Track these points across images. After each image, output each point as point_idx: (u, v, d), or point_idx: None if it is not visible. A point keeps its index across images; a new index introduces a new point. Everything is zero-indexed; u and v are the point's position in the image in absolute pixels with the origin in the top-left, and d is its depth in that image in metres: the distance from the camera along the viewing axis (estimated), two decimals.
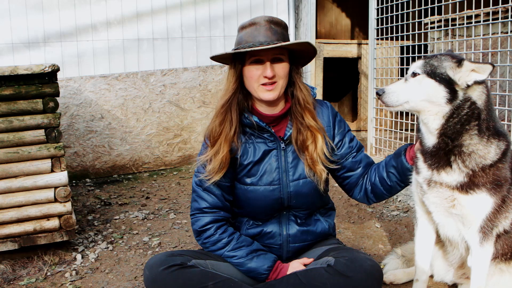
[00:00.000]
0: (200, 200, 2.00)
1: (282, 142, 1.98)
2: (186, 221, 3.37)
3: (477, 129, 1.71)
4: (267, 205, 1.99)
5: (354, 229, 3.11)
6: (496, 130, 1.75)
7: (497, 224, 1.80)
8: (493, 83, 3.41)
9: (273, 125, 2.00)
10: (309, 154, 1.95)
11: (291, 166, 1.98)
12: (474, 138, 1.72)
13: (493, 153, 1.73)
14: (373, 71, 4.08)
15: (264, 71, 1.87)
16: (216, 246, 1.98)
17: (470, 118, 1.70)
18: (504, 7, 3.06)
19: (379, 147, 4.08)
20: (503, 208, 1.78)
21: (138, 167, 4.78)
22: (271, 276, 1.95)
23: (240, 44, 1.90)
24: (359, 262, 1.83)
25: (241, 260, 1.95)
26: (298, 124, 1.96)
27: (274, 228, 2.03)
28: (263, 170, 1.97)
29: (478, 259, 1.83)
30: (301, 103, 1.95)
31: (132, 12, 4.62)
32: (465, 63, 1.67)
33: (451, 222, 1.89)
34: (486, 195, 1.74)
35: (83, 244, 2.96)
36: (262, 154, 1.98)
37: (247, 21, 1.93)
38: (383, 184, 2.02)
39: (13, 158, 2.64)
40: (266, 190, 1.97)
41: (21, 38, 4.28)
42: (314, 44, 3.68)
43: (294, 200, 1.99)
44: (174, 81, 4.81)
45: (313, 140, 1.95)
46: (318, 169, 1.96)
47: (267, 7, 5.10)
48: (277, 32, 1.88)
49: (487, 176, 1.73)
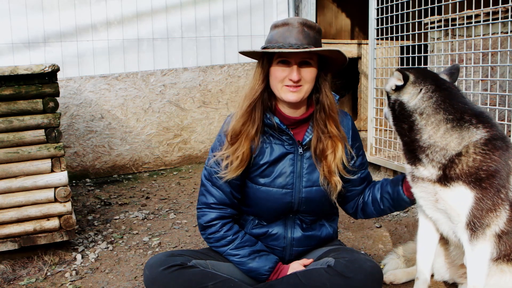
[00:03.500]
0: (208, 195, 1.99)
1: (300, 147, 1.95)
2: (186, 221, 3.37)
3: (425, 123, 1.82)
4: (277, 208, 1.98)
5: (354, 229, 3.11)
6: (462, 121, 1.79)
7: (487, 222, 1.77)
8: (493, 83, 3.41)
9: (292, 127, 1.97)
10: (327, 164, 1.93)
11: (306, 172, 1.96)
12: (426, 132, 1.82)
13: (454, 143, 1.78)
14: (373, 71, 4.08)
15: (290, 74, 1.83)
16: (220, 243, 1.97)
17: (403, 116, 1.88)
18: (504, 7, 3.06)
19: (379, 147, 4.08)
20: (488, 204, 1.75)
21: (138, 167, 4.78)
22: (271, 277, 1.95)
23: (270, 42, 1.86)
24: (359, 263, 1.83)
25: (243, 259, 1.95)
26: (319, 131, 1.93)
27: (279, 230, 2.02)
28: (278, 172, 1.95)
29: (470, 257, 1.83)
30: (326, 111, 1.92)
31: (132, 12, 4.62)
32: (390, 77, 1.97)
33: (442, 218, 1.91)
34: (465, 188, 1.76)
35: (83, 244, 2.96)
36: (278, 156, 1.95)
37: (281, 20, 1.89)
38: (375, 206, 2.05)
39: (13, 158, 2.64)
40: (278, 193, 1.95)
41: (21, 38, 4.28)
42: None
43: (304, 206, 1.98)
44: (174, 81, 4.81)
45: (333, 150, 1.93)
46: (334, 180, 1.94)
47: (267, 7, 5.10)
48: (309, 36, 1.84)
49: (460, 168, 1.76)
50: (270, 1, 5.10)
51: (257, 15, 5.04)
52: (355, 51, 5.48)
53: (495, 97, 3.34)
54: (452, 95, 1.85)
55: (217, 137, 2.02)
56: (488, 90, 3.14)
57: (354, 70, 5.64)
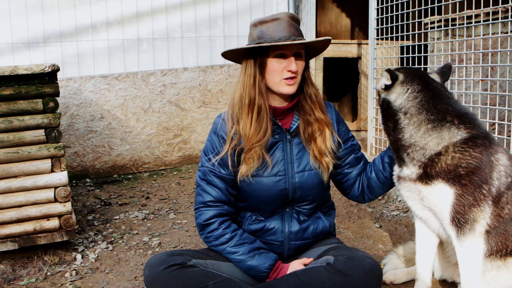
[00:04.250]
0: (204, 194, 2.00)
1: (288, 134, 2.01)
2: (186, 221, 3.37)
3: (407, 123, 1.87)
4: (272, 196, 1.99)
5: (354, 229, 3.11)
6: (444, 121, 1.83)
7: (472, 217, 1.78)
8: (493, 83, 3.41)
9: (280, 118, 2.03)
10: (317, 146, 1.99)
11: (296, 157, 2.01)
12: (408, 131, 1.86)
13: (433, 143, 1.82)
14: (373, 71, 4.08)
15: (289, 65, 1.90)
16: (219, 241, 1.97)
17: (390, 115, 1.94)
18: (504, 7, 3.06)
19: (379, 147, 4.08)
20: (469, 200, 1.77)
21: (138, 167, 4.78)
22: (271, 275, 1.95)
23: (262, 38, 1.91)
24: (358, 260, 1.84)
25: (242, 257, 1.95)
26: (306, 115, 2.01)
27: (277, 225, 2.04)
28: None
29: (460, 254, 1.84)
30: (313, 98, 2.01)
31: (132, 12, 4.62)
32: (381, 77, 2.02)
33: (430, 216, 1.93)
34: (444, 185, 1.80)
35: (83, 244, 2.96)
36: (268, 146, 1.99)
37: (268, 16, 1.96)
38: (379, 177, 2.07)
39: (13, 158, 2.64)
40: (271, 181, 1.98)
41: (21, 38, 4.28)
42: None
43: (299, 192, 2.00)
44: (174, 81, 4.81)
45: (322, 132, 2.00)
46: (325, 160, 2.00)
47: (267, 7, 5.10)
48: (298, 29, 1.95)
49: (439, 166, 1.80)
50: (270, 1, 5.10)
51: (257, 15, 5.04)
52: (355, 51, 5.48)
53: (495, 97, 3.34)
54: (437, 96, 1.88)
55: (209, 139, 2.04)
56: (488, 90, 3.14)
57: (354, 70, 5.64)
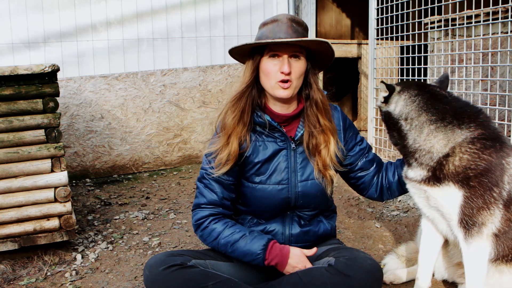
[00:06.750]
0: (200, 197, 2.01)
1: (292, 142, 1.98)
2: (186, 221, 3.37)
3: (409, 127, 1.88)
4: (275, 204, 1.99)
5: (354, 229, 3.11)
6: (446, 124, 1.82)
7: (480, 220, 1.76)
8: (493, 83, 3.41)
9: (284, 125, 2.00)
10: (321, 159, 1.96)
11: (300, 166, 1.99)
12: (411, 137, 1.87)
13: (439, 145, 1.81)
14: (373, 71, 4.08)
15: (282, 67, 1.87)
16: (211, 236, 1.97)
17: (392, 124, 1.96)
18: (504, 7, 3.07)
19: (379, 147, 4.08)
20: (478, 203, 1.75)
21: (138, 167, 4.78)
22: (267, 256, 1.89)
23: (260, 39, 1.91)
24: (359, 262, 1.83)
25: (235, 245, 1.91)
26: (310, 126, 1.97)
27: (277, 227, 2.03)
28: (272, 169, 1.98)
29: (466, 256, 1.83)
30: (319, 105, 1.97)
31: (132, 12, 4.62)
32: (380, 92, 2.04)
33: (437, 216, 1.93)
34: (453, 188, 1.79)
35: (83, 244, 2.96)
36: (272, 153, 1.98)
37: (269, 18, 1.94)
38: (402, 182, 2.06)
39: (13, 158, 2.64)
40: (274, 189, 1.97)
41: (21, 38, 4.28)
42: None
43: (301, 201, 1.99)
44: (174, 81, 4.81)
45: (327, 144, 1.96)
46: (329, 173, 1.97)
47: (267, 7, 5.10)
48: (298, 31, 1.89)
49: (447, 168, 1.79)
50: (270, 1, 5.10)
51: (257, 15, 5.04)
52: (355, 51, 5.48)
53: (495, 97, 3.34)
54: (435, 97, 1.87)
55: (211, 141, 2.03)
56: (488, 90, 3.14)
57: (354, 70, 5.64)
